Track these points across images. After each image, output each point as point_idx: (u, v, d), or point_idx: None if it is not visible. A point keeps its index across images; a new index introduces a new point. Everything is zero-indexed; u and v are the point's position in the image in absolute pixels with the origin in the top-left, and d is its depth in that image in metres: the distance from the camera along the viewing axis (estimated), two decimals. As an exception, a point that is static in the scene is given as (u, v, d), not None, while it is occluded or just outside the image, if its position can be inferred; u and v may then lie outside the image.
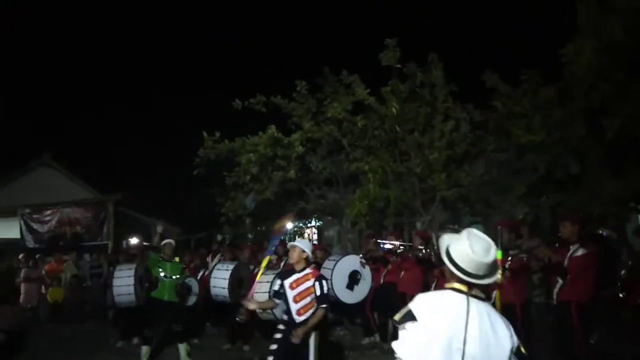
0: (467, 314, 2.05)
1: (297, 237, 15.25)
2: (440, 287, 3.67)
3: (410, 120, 8.98)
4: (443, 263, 2.19)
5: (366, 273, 7.35)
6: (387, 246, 7.58)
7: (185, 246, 14.30)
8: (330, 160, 10.51)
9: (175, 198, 21.59)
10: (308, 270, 4.54)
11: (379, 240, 7.94)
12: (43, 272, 11.65)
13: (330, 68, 10.11)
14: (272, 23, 38.98)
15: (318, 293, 4.40)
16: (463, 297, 2.09)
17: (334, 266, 7.14)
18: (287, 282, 4.50)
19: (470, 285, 2.10)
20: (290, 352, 4.35)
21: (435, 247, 6.50)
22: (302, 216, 12.67)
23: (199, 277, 8.68)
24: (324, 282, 4.50)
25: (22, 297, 10.86)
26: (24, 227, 13.86)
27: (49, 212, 13.94)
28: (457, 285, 2.12)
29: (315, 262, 7.84)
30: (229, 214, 11.08)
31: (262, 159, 10.00)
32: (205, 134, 10.50)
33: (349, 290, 7.21)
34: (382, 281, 7.43)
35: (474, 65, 9.11)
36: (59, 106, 32.65)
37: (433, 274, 6.59)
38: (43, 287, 11.48)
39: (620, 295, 6.00)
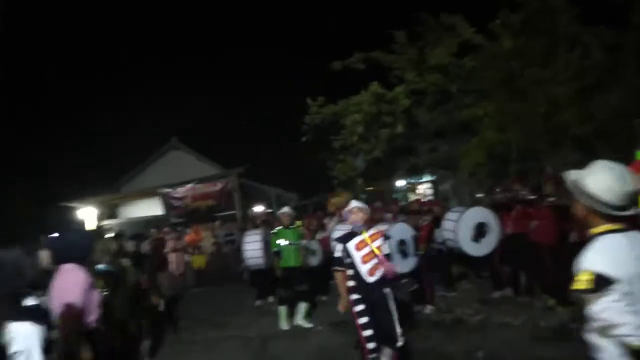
0: (632, 250, 1.89)
1: (409, 193, 15.01)
2: (582, 236, 3.30)
3: (526, 54, 7.99)
4: (582, 202, 1.98)
5: (493, 224, 6.98)
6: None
7: (303, 211, 14.98)
8: (439, 110, 9.94)
9: (290, 165, 22.57)
10: (373, 231, 4.49)
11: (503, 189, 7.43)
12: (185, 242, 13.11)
13: (429, 12, 9.40)
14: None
15: (386, 252, 4.46)
16: (622, 235, 1.92)
17: (459, 218, 6.88)
18: (351, 245, 4.36)
19: (618, 221, 1.92)
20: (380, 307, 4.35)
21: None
22: (414, 172, 12.33)
23: (319, 239, 9.02)
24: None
25: (171, 265, 12.33)
26: (164, 205, 15.60)
27: (183, 189, 15.47)
28: (609, 225, 1.93)
29: (435, 216, 7.69)
30: (340, 177, 11.21)
31: (367, 118, 9.83)
32: (309, 100, 10.62)
33: (475, 243, 6.94)
34: (510, 232, 7.01)
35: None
36: (181, 90, 35.75)
37: (569, 222, 6.01)
38: (187, 255, 12.91)
39: None
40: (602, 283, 1.83)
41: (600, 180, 1.91)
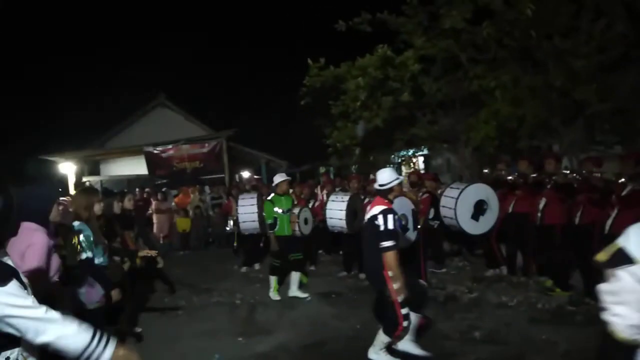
0: None
1: (403, 166, 14.69)
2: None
3: (548, 23, 7.42)
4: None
5: (493, 203, 6.72)
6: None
7: (292, 179, 14.54)
8: (446, 79, 9.38)
9: (282, 131, 21.97)
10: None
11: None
12: (173, 204, 12.66)
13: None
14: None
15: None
16: None
17: (459, 195, 6.57)
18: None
19: None
20: None
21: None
22: (413, 144, 11.88)
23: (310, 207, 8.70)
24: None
25: (155, 227, 11.92)
26: (149, 164, 14.95)
27: (169, 148, 14.84)
28: None
29: (428, 191, 7.39)
30: (336, 145, 10.75)
31: (372, 83, 9.23)
32: (310, 61, 10.02)
33: (473, 221, 6.69)
34: (510, 210, 6.76)
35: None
36: (169, 48, 34.34)
37: (576, 201, 5.77)
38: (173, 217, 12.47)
39: None
40: (619, 259, 1.59)
41: None
